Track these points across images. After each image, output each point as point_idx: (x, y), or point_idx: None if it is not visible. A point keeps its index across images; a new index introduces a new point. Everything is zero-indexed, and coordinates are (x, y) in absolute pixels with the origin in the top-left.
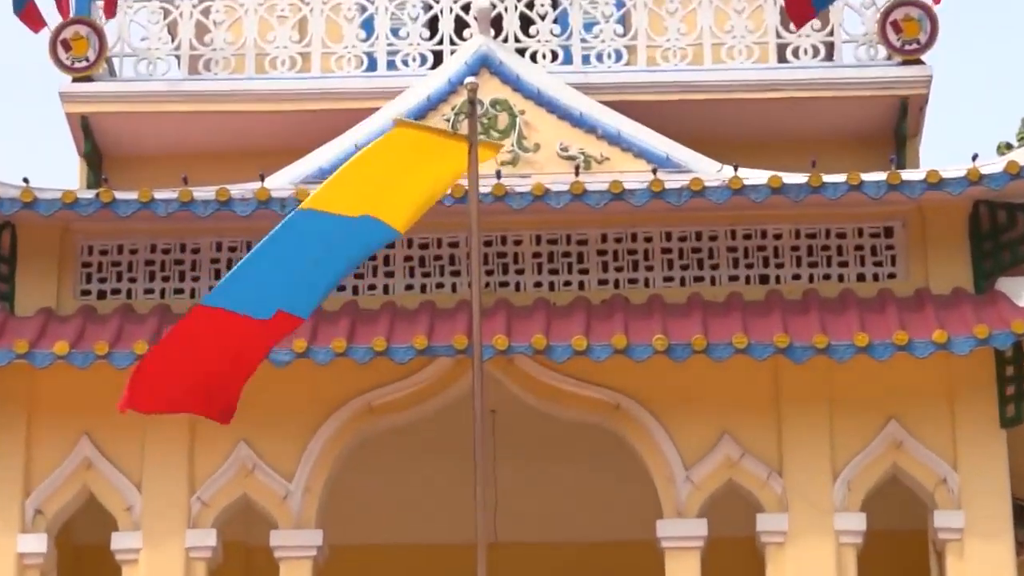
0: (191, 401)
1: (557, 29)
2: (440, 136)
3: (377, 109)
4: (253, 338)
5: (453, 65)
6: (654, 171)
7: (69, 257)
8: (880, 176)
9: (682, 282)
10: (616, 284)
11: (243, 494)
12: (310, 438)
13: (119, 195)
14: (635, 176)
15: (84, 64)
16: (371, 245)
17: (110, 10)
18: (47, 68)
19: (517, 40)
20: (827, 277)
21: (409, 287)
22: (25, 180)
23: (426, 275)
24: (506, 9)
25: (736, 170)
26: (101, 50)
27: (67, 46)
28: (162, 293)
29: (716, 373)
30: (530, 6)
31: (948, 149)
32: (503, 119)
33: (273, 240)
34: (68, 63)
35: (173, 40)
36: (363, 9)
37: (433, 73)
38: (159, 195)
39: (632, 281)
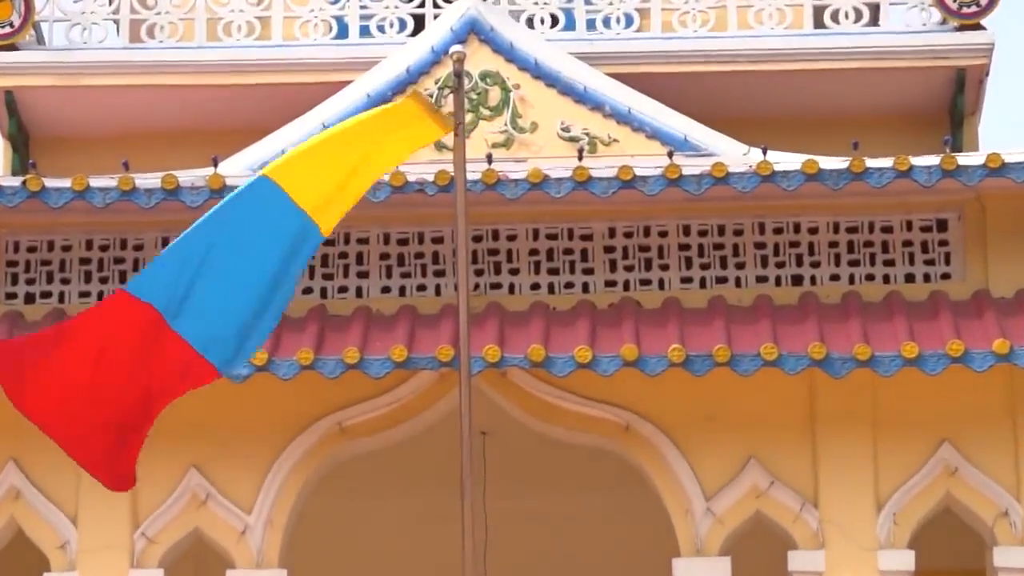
0: (82, 442)
1: None
2: (432, 116)
3: (348, 82)
4: (172, 364)
5: (437, 31)
6: (670, 154)
7: None
8: (932, 160)
9: (702, 283)
10: (626, 286)
11: (195, 529)
12: (272, 464)
13: (49, 183)
14: (648, 160)
15: (8, 30)
16: (305, 254)
17: None
18: None
19: (511, 2)
20: (871, 278)
21: (386, 289)
22: None
23: (406, 275)
24: None
25: (765, 153)
26: (27, 14)
27: None
28: (100, 296)
29: (741, 389)
30: None
31: (1012, 129)
32: (495, 94)
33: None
34: None
35: (111, 2)
36: None
37: (413, 41)
38: (96, 183)
39: (644, 282)
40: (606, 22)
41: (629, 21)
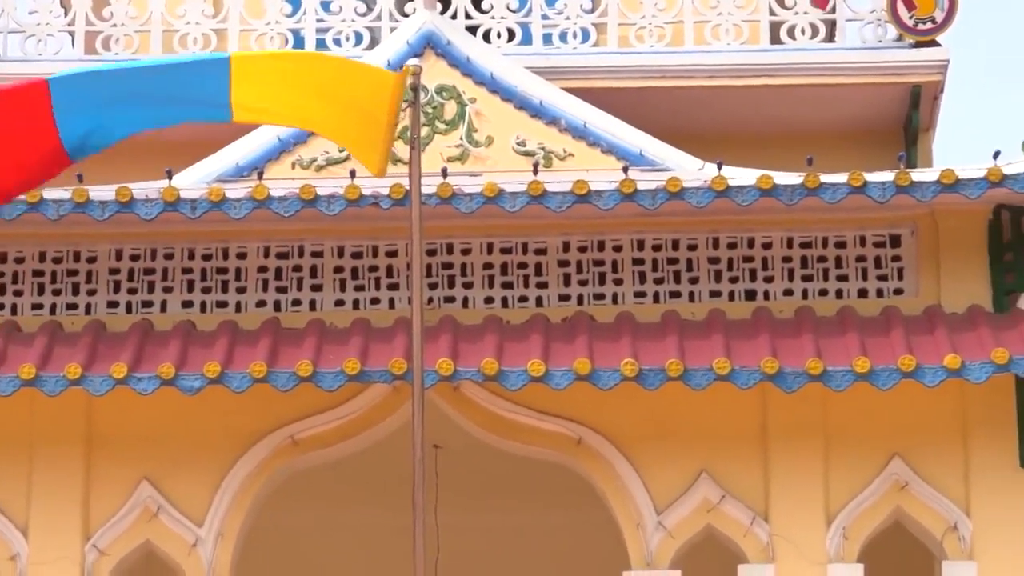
0: None
1: (515, 3)
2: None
3: None
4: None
5: (393, 45)
6: (625, 169)
7: None
8: (887, 176)
9: (656, 298)
10: (579, 300)
11: (146, 541)
12: (224, 477)
13: None
14: (603, 175)
15: None
16: (200, 110)
17: None
18: None
19: (468, 16)
20: (824, 293)
21: (339, 303)
22: None
23: (359, 289)
24: None
25: (720, 168)
26: None
27: None
28: (52, 309)
29: (694, 403)
30: None
31: (966, 146)
32: (450, 108)
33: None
34: None
35: (67, 14)
36: None
37: (370, 54)
38: (49, 195)
39: (598, 297)
40: (563, 37)
41: (586, 36)
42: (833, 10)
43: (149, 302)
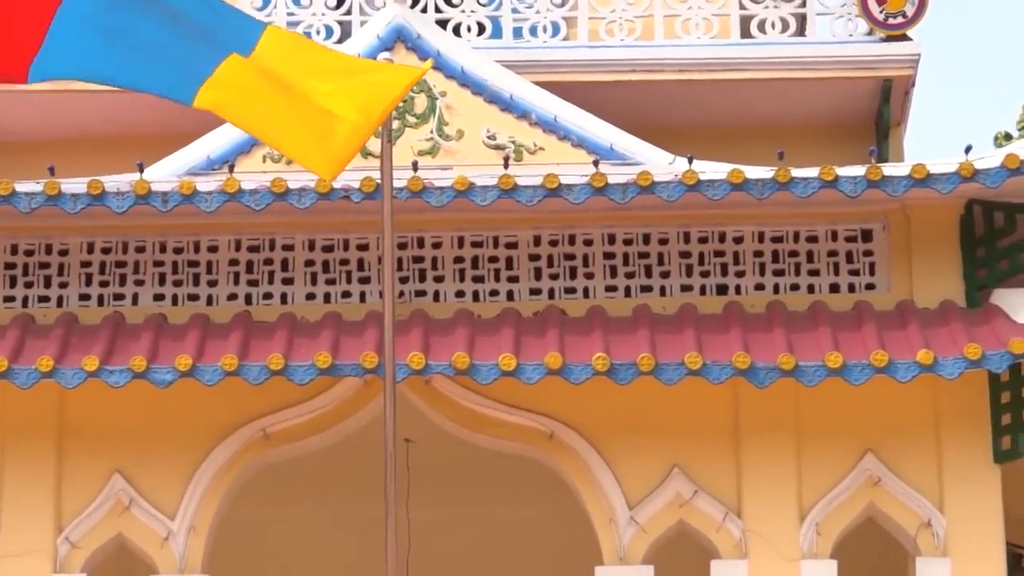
0: None
1: None
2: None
3: None
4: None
5: (363, 39)
6: (596, 163)
7: None
8: (858, 171)
9: (627, 292)
10: (550, 294)
11: (118, 534)
12: (195, 470)
13: None
14: (573, 169)
15: None
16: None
17: None
18: None
19: (438, 10)
20: (795, 288)
21: (311, 296)
22: None
23: (330, 282)
24: None
25: (691, 162)
26: None
27: None
28: (24, 301)
29: (665, 398)
30: None
31: (937, 140)
32: (421, 102)
33: None
34: None
35: None
36: None
37: (340, 48)
38: (21, 187)
39: (569, 291)
40: (533, 31)
41: (556, 30)
42: (803, 4)
43: (121, 295)
